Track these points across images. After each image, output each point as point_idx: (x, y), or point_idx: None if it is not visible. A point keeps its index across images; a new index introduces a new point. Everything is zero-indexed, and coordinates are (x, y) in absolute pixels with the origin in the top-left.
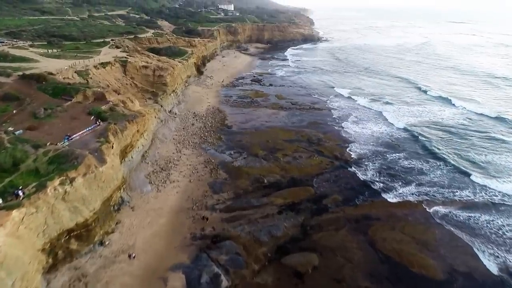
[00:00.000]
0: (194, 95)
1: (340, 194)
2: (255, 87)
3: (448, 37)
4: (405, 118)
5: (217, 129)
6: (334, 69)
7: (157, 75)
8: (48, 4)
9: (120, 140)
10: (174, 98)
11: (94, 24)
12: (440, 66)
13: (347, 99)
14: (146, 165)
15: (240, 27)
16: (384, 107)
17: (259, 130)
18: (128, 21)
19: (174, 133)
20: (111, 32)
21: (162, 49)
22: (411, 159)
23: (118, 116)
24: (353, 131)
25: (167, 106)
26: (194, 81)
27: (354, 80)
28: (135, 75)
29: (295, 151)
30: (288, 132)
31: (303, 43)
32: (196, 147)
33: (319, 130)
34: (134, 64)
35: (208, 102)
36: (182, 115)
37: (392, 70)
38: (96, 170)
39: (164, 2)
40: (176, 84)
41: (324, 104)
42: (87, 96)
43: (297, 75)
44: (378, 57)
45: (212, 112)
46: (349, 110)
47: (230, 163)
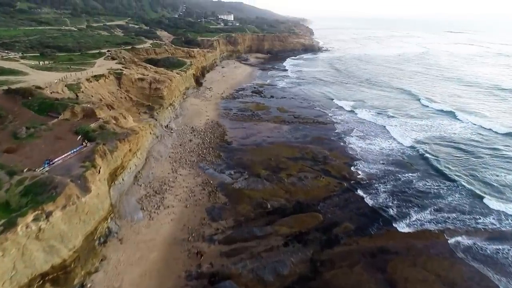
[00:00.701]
0: (192, 108)
1: (351, 221)
2: (256, 99)
3: (447, 47)
4: (411, 133)
5: (216, 145)
6: (335, 80)
7: (153, 88)
8: (46, 14)
9: (109, 163)
10: (171, 112)
11: (92, 34)
12: (442, 77)
13: (350, 112)
14: (138, 187)
15: (240, 37)
16: (388, 121)
17: (261, 147)
18: (127, 31)
19: (170, 151)
20: (108, 43)
21: (160, 60)
22: (424, 180)
23: (108, 135)
24: (359, 148)
25: (163, 120)
26: (193, 93)
27: (356, 92)
28: (130, 88)
29: (300, 170)
30: (291, 149)
31: (304, 53)
32: (193, 166)
33: (324, 146)
34: (129, 76)
35: (207, 116)
36: (179, 130)
37: (394, 81)
38: (78, 201)
39: (164, 13)
40: (174, 96)
41: (328, 118)
42: (75, 112)
43: (298, 86)
44: (379, 67)
45: (211, 127)
46: (353, 124)
47: (230, 184)
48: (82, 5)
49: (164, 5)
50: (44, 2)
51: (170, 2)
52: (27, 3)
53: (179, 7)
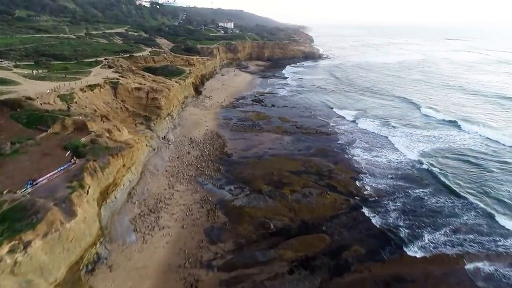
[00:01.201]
0: (191, 118)
1: (361, 244)
2: (257, 108)
3: (447, 54)
4: (416, 145)
5: (215, 158)
6: (336, 88)
7: (150, 98)
8: (44, 22)
9: (100, 181)
10: (169, 122)
11: (90, 42)
12: (444, 85)
13: (352, 122)
14: (132, 206)
15: (240, 45)
16: (391, 131)
17: (263, 159)
18: (127, 39)
19: (167, 164)
20: (106, 51)
21: (159, 68)
22: (435, 196)
23: (100, 149)
24: (364, 160)
25: (160, 132)
26: (192, 101)
27: (357, 100)
28: (126, 98)
29: (304, 186)
30: (294, 162)
31: (304, 61)
32: (191, 181)
33: (328, 159)
34: (125, 86)
35: (206, 126)
36: (177, 141)
37: (395, 90)
38: (62, 228)
39: (164, 20)
40: (172, 106)
41: (330, 128)
42: (66, 126)
43: (299, 95)
44: (379, 75)
45: (210, 138)
46: (356, 135)
47: (230, 201)
48: (81, 12)
49: (164, 13)
50: (43, 10)
51: (170, 10)
52: (26, 11)
53: (179, 15)
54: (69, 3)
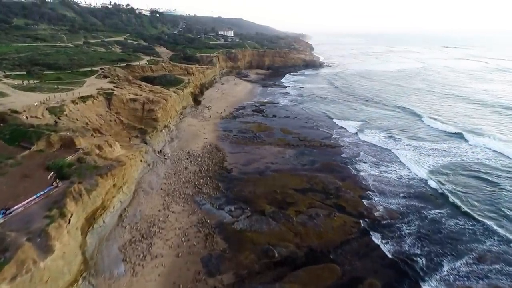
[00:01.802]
0: (189, 130)
1: (376, 276)
2: (257, 118)
3: (447, 63)
4: (424, 160)
5: (214, 173)
6: (338, 97)
7: (146, 110)
8: (42, 31)
9: (85, 206)
10: (166, 135)
11: (87, 51)
12: (446, 95)
13: (356, 134)
14: (122, 230)
15: (240, 53)
16: (397, 144)
17: (264, 175)
18: (125, 47)
19: (162, 181)
20: (103, 60)
21: (157, 77)
22: (454, 218)
23: (88, 169)
24: (373, 177)
25: (156, 145)
26: (191, 112)
27: (360, 111)
28: (121, 109)
29: (310, 205)
30: (299, 178)
31: (305, 69)
32: (188, 201)
33: (334, 174)
34: (120, 97)
35: (205, 138)
36: (174, 155)
37: (397, 100)
38: (35, 268)
39: (164, 29)
40: (169, 117)
41: (334, 140)
42: (51, 142)
43: (301, 105)
44: (381, 84)
45: (209, 151)
46: (361, 148)
47: (230, 224)
48: (80, 21)
49: (164, 22)
50: (41, 19)
51: (170, 19)
52: (24, 19)
53: (179, 24)
54: (68, 12)
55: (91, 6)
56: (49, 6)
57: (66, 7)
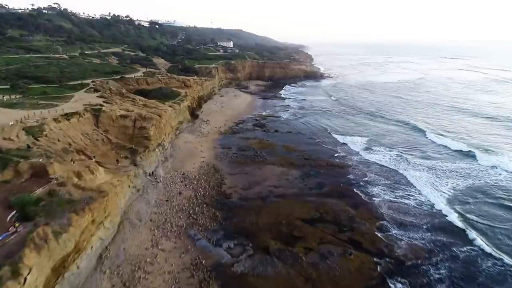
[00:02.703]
0: (185, 147)
1: None
2: (258, 134)
3: (446, 73)
4: (441, 183)
5: (211, 199)
6: (340, 111)
7: (138, 127)
8: (37, 42)
9: (52, 253)
10: (159, 154)
11: (81, 62)
12: (452, 108)
13: (363, 152)
14: (101, 276)
15: (239, 64)
16: (408, 165)
17: (268, 202)
18: (122, 58)
19: (152, 210)
20: (96, 72)
21: (152, 91)
22: (489, 258)
23: (60, 205)
24: (387, 204)
25: (148, 166)
26: (187, 127)
27: (364, 126)
28: (110, 127)
29: (321, 240)
30: (306, 205)
31: (306, 80)
32: (181, 235)
33: (345, 201)
34: (109, 113)
35: (202, 157)
36: (167, 178)
37: (402, 114)
38: None
39: (163, 40)
40: (164, 135)
41: (340, 159)
42: (20, 171)
43: (303, 118)
44: (383, 97)
45: (206, 172)
46: (370, 169)
47: (229, 266)
48: (78, 32)
49: (163, 33)
50: (37, 30)
51: (169, 30)
52: (19, 30)
53: (179, 34)
54: (65, 23)
55: (89, 17)
56: (46, 17)
57: (63, 18)
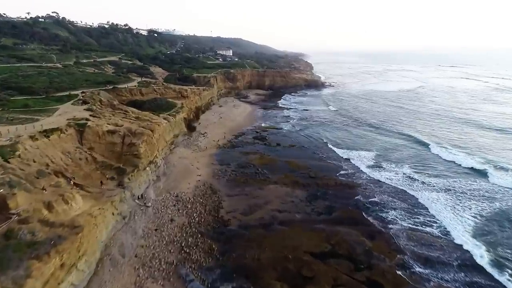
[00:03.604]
0: (180, 164)
1: None
2: (259, 147)
3: (447, 82)
4: (458, 208)
5: (207, 228)
6: (343, 123)
7: (127, 144)
8: (31, 51)
9: None
10: (151, 173)
11: (73, 72)
12: (459, 120)
13: (373, 170)
14: None
15: (239, 73)
16: (421, 185)
17: (271, 231)
18: (119, 67)
19: (139, 243)
20: (88, 82)
21: (146, 102)
22: None
23: (17, 250)
24: (406, 233)
25: (137, 188)
26: (183, 141)
27: (370, 140)
28: (95, 144)
29: (335, 282)
30: (315, 235)
31: (307, 89)
32: (170, 276)
33: (359, 229)
34: (95, 129)
35: (198, 175)
36: (158, 201)
37: (408, 127)
38: None
39: (161, 48)
40: (156, 151)
41: (348, 177)
42: None
43: (306, 130)
44: (387, 108)
45: (202, 193)
46: (382, 189)
47: None
48: (74, 41)
49: (161, 41)
50: (32, 38)
51: (168, 38)
52: (13, 39)
53: (178, 43)
54: (62, 32)
55: (87, 26)
56: (41, 25)
57: (59, 27)
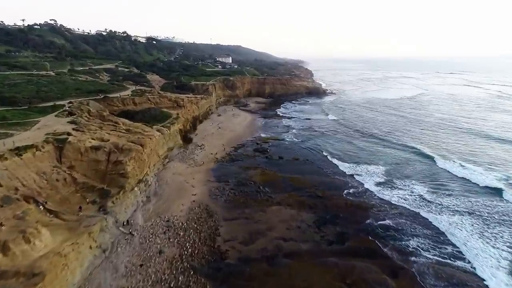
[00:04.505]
0: (174, 181)
1: None
2: (260, 161)
3: (447, 89)
4: (491, 234)
5: (201, 262)
6: (348, 133)
7: (113, 161)
8: (24, 58)
9: None
10: (140, 194)
11: (65, 80)
12: (464, 130)
13: (383, 188)
14: None
15: (238, 81)
16: (440, 208)
17: (276, 265)
18: (115, 75)
19: (119, 284)
20: (78, 91)
21: (139, 112)
22: None
23: None
24: (431, 269)
25: (123, 213)
26: (178, 154)
27: (377, 154)
28: (77, 162)
29: None
30: (327, 271)
31: (308, 97)
32: None
33: (379, 264)
34: (76, 145)
35: (193, 194)
36: (147, 227)
37: (415, 139)
38: None
39: (160, 56)
40: (147, 167)
41: (359, 197)
42: None
43: (309, 142)
44: (390, 117)
45: (197, 217)
46: (396, 211)
47: None
48: (70, 48)
49: (160, 49)
50: (25, 45)
51: (167, 46)
52: (5, 46)
53: (176, 50)
54: (57, 39)
55: (84, 33)
56: (36, 32)
57: (55, 34)
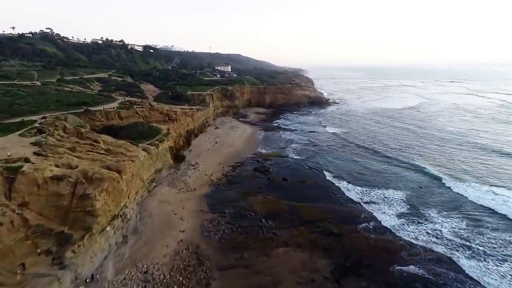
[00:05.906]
0: (159, 213)
1: None
2: (262, 184)
3: (449, 98)
4: None
5: None
6: (357, 150)
7: (78, 195)
8: (10, 67)
9: None
10: (114, 234)
11: (47, 91)
12: (487, 149)
13: (407, 222)
14: None
15: (237, 91)
16: (481, 255)
17: None
18: (108, 84)
19: None
20: (57, 104)
21: (124, 127)
22: None
23: None
24: None
25: (87, 264)
26: (168, 176)
27: (393, 176)
28: (32, 197)
29: None
30: None
31: (310, 107)
32: None
33: None
34: (32, 175)
35: (182, 231)
36: (117, 284)
37: (427, 159)
38: None
39: (156, 64)
40: (126, 198)
41: (381, 234)
42: None
43: (314, 159)
44: (397, 130)
45: (183, 265)
46: (433, 258)
47: None
48: (62, 56)
49: (157, 57)
50: (13, 54)
51: (164, 54)
52: None
53: (174, 59)
54: (48, 47)
55: (79, 42)
56: (26, 41)
57: (46, 42)
